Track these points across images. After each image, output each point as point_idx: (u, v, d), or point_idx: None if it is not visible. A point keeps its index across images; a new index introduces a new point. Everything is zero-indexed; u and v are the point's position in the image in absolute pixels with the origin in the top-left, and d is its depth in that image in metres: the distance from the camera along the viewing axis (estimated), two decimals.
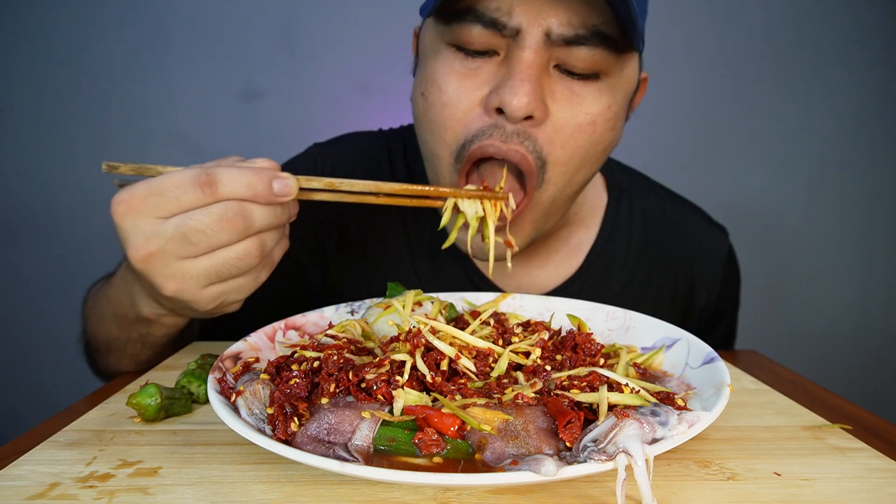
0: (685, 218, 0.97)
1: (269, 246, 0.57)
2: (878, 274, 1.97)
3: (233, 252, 0.54)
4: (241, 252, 0.54)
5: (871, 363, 2.01)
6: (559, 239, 0.89)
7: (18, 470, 0.47)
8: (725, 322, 1.03)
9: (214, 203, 0.52)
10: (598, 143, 0.69)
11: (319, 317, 0.71)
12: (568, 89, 0.66)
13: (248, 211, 0.53)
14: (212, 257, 0.54)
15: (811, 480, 0.46)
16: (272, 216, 0.55)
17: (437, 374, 0.49)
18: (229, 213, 0.52)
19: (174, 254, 0.53)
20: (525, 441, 0.41)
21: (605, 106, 0.67)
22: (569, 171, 0.69)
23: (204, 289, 0.56)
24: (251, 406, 0.46)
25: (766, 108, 1.85)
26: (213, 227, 0.52)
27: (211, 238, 0.52)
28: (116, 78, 1.77)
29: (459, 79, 0.66)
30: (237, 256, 0.54)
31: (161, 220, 0.53)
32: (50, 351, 1.85)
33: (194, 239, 0.52)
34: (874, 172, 1.91)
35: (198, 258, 0.54)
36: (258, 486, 0.44)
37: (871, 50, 1.83)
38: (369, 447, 0.42)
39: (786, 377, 0.75)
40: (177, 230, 0.52)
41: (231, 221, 0.52)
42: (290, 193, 0.55)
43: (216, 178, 0.52)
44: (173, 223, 0.52)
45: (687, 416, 0.42)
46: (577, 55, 0.63)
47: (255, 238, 0.55)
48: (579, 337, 0.56)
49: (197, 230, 0.52)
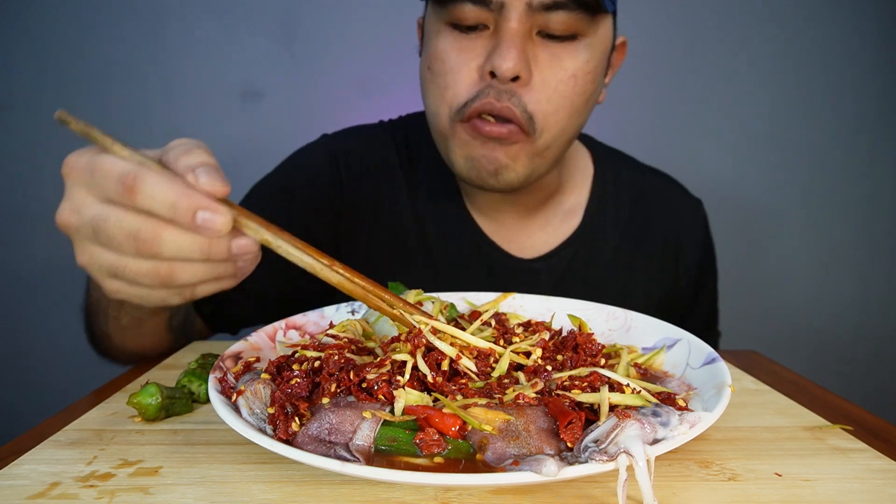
0: (666, 188, 1.07)
1: (181, 277, 0.48)
2: (878, 274, 1.97)
3: (134, 266, 0.48)
4: (141, 271, 0.48)
5: (871, 363, 2.01)
6: (555, 203, 0.99)
7: (19, 469, 0.47)
8: (708, 295, 1.09)
9: (130, 211, 0.46)
10: (581, 94, 0.79)
11: (320, 316, 0.71)
12: (549, 52, 0.76)
13: (160, 235, 0.46)
14: (116, 258, 0.49)
15: (812, 481, 0.46)
16: (191, 246, 0.46)
17: (438, 375, 0.49)
18: (140, 231, 0.46)
19: (86, 235, 0.49)
20: (526, 441, 0.41)
21: (583, 61, 0.77)
22: (560, 120, 0.79)
23: (107, 278, 0.51)
24: (252, 406, 0.46)
25: (765, 108, 1.85)
26: (119, 237, 0.47)
27: (115, 243, 0.47)
28: (116, 78, 1.77)
29: (458, 53, 0.77)
30: (136, 272, 0.48)
31: (89, 198, 0.48)
32: (50, 351, 1.85)
33: (101, 237, 0.48)
34: (874, 172, 1.91)
35: (104, 249, 0.49)
36: (259, 486, 0.44)
37: (872, 50, 1.83)
38: (370, 447, 0.42)
39: (786, 377, 0.75)
40: (92, 219, 0.48)
41: (137, 239, 0.46)
42: (215, 229, 0.45)
43: (138, 186, 0.45)
44: (93, 210, 0.48)
45: (688, 417, 0.42)
46: (555, 19, 0.73)
47: (164, 263, 0.48)
48: (580, 337, 0.56)
49: (105, 231, 0.47)
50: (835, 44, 1.82)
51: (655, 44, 1.77)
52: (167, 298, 0.51)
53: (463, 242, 0.97)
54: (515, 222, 0.97)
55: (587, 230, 0.98)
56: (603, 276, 0.98)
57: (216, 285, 0.51)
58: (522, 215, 0.96)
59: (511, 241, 0.97)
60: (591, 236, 0.99)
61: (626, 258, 1.00)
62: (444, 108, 0.80)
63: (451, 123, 0.80)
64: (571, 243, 0.98)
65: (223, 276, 0.51)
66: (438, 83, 0.79)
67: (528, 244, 0.97)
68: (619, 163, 1.06)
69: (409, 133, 1.03)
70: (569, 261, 0.97)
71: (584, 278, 0.97)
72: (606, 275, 0.99)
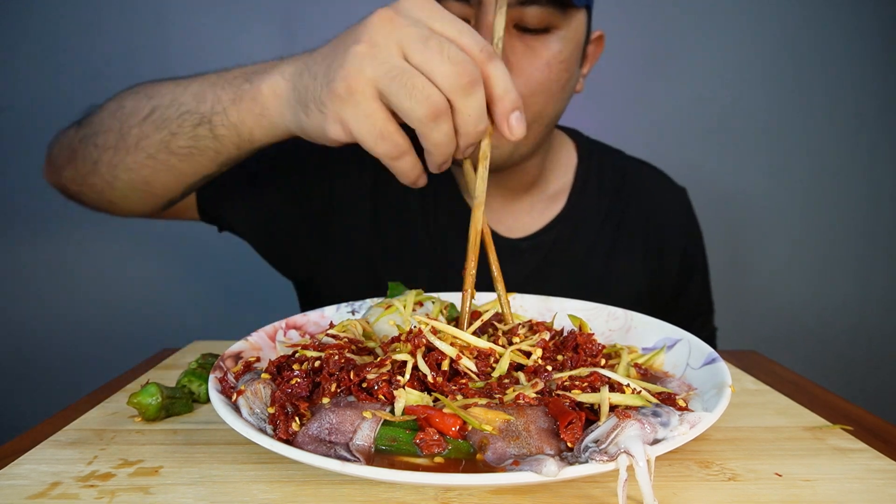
0: (649, 176, 1.12)
1: (434, 134, 0.54)
2: (878, 273, 1.97)
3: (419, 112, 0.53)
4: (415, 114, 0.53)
5: (871, 363, 2.01)
6: (540, 188, 1.03)
7: (19, 469, 0.47)
8: (696, 286, 1.11)
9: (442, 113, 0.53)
10: (556, 81, 0.83)
11: (320, 316, 0.71)
12: (524, 44, 0.80)
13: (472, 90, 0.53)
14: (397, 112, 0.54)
15: (812, 481, 0.46)
16: (479, 119, 0.55)
17: (438, 375, 0.49)
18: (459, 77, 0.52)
19: (378, 78, 0.53)
20: (526, 441, 0.41)
21: (556, 51, 0.81)
22: (536, 103, 0.83)
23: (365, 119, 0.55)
24: (252, 405, 0.46)
25: (765, 108, 1.85)
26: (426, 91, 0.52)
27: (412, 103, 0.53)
28: (116, 78, 1.77)
29: None
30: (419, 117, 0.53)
31: (400, 57, 0.53)
32: (50, 351, 1.85)
33: (397, 87, 0.52)
34: (874, 172, 1.91)
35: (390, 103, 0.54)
36: (259, 486, 0.44)
37: (872, 49, 1.83)
38: (370, 447, 0.42)
39: (786, 377, 0.75)
40: (399, 69, 0.52)
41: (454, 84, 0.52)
42: (516, 132, 0.56)
43: (494, 59, 0.54)
44: (398, 63, 0.53)
45: (688, 417, 0.42)
46: (530, 13, 0.77)
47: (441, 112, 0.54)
48: (580, 337, 0.56)
49: (411, 83, 0.52)
50: (835, 43, 1.82)
51: (653, 42, 1.77)
52: (384, 144, 0.55)
53: (453, 222, 1.00)
54: (502, 206, 1.01)
55: (570, 214, 1.03)
56: (585, 257, 1.02)
57: (414, 170, 0.59)
58: (508, 199, 1.01)
59: (498, 221, 1.01)
60: (574, 220, 1.03)
61: (608, 242, 1.03)
62: None
63: None
64: (555, 225, 1.02)
65: (440, 160, 0.58)
66: None
67: (515, 226, 1.02)
68: (604, 153, 1.11)
69: None
70: (552, 242, 1.01)
71: (567, 259, 1.02)
72: (588, 256, 1.02)
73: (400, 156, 0.56)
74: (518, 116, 0.56)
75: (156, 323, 1.79)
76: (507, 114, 0.55)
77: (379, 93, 0.53)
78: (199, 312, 1.82)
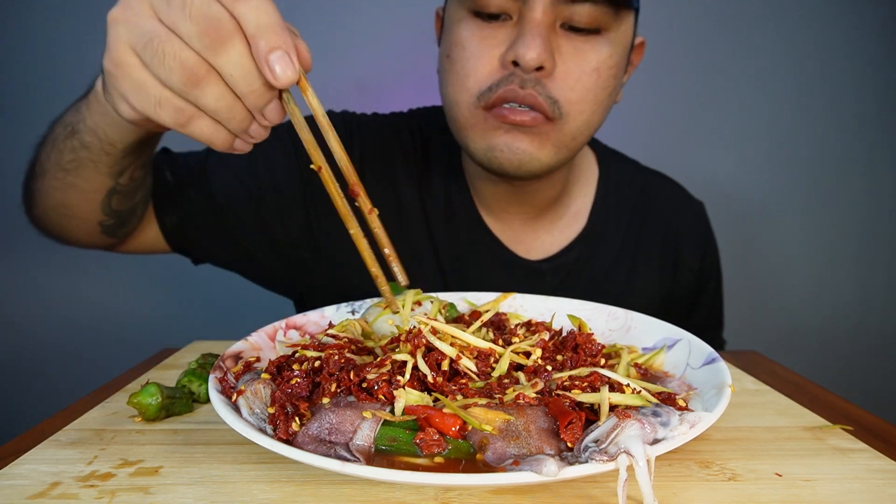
0: (666, 189, 1.08)
1: (205, 95, 0.46)
2: (878, 273, 1.97)
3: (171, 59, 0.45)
4: (172, 71, 0.45)
5: (871, 363, 2.01)
6: (562, 206, 0.99)
7: (19, 469, 0.47)
8: (707, 299, 1.09)
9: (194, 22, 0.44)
10: (605, 88, 0.78)
11: (320, 316, 0.71)
12: (573, 46, 0.75)
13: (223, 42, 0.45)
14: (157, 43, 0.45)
15: (812, 481, 0.46)
16: (243, 74, 0.46)
17: (439, 375, 0.49)
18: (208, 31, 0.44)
19: (132, 42, 0.46)
20: (526, 441, 0.41)
21: (606, 55, 0.76)
22: (585, 110, 0.78)
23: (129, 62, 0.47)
24: (252, 405, 0.46)
25: (765, 108, 1.85)
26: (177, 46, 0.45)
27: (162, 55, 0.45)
28: None
29: (479, 40, 0.76)
30: (168, 67, 0.45)
31: (152, 18, 0.46)
32: (50, 351, 1.85)
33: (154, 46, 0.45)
34: (874, 172, 1.91)
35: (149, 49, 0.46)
36: (259, 486, 0.44)
37: (872, 49, 1.83)
38: (370, 447, 0.42)
39: (786, 377, 0.75)
40: (149, 34, 0.45)
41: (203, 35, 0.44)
42: (281, 75, 0.45)
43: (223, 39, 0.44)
44: (150, 26, 0.46)
45: (688, 417, 0.42)
46: (580, 12, 0.73)
47: (199, 67, 0.46)
48: (580, 337, 0.56)
49: (160, 46, 0.45)
50: (836, 44, 1.82)
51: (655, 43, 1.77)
52: (164, 113, 0.48)
53: (470, 240, 0.96)
54: (522, 224, 0.97)
55: (590, 232, 0.99)
56: (604, 276, 0.99)
57: (217, 134, 0.50)
58: (530, 217, 0.97)
59: (518, 241, 0.97)
60: (595, 238, 0.99)
61: (627, 259, 1.00)
62: (464, 96, 0.78)
63: (471, 112, 0.78)
64: (575, 245, 0.98)
65: (234, 126, 0.49)
66: (458, 71, 0.78)
67: (535, 245, 0.98)
68: (622, 164, 1.07)
69: (421, 127, 1.02)
70: (573, 262, 0.97)
71: (587, 279, 0.98)
72: (608, 275, 0.99)
73: (188, 121, 0.48)
74: (280, 56, 0.45)
75: (156, 323, 1.79)
76: (264, 56, 0.45)
77: (141, 59, 0.47)
78: (199, 312, 1.82)
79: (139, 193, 0.80)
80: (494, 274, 0.95)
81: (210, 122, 0.49)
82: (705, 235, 1.08)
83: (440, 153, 0.98)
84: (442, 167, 0.97)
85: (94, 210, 0.76)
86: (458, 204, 0.96)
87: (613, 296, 0.93)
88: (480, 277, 0.94)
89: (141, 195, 0.81)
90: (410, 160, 0.98)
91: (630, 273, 1.00)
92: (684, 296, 1.05)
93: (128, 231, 0.85)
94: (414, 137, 1.00)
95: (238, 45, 0.45)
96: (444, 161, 0.97)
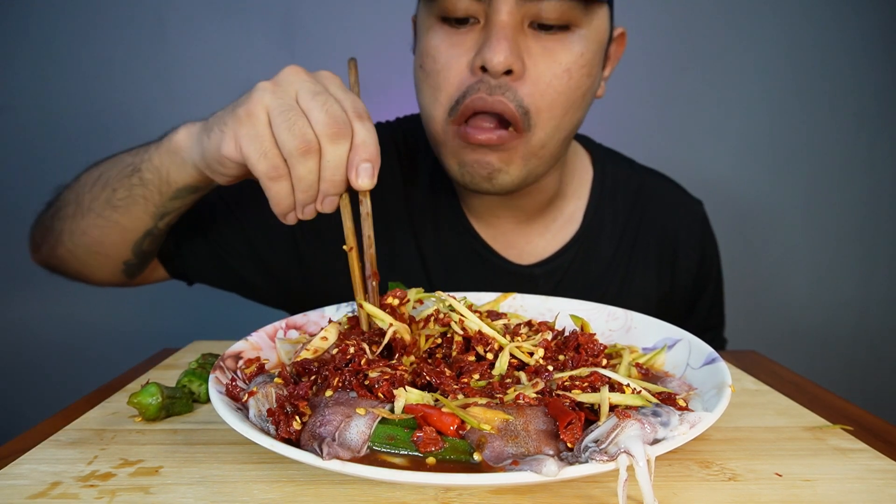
0: (663, 189, 1.06)
1: (301, 169, 0.59)
2: (878, 274, 1.97)
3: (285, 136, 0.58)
4: (286, 144, 0.58)
5: (871, 363, 2.01)
6: (555, 209, 0.97)
7: (19, 469, 0.47)
8: (707, 299, 1.06)
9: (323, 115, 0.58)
10: (577, 89, 0.76)
11: (320, 316, 0.71)
12: (542, 46, 0.73)
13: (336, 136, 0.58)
14: None
15: (812, 481, 0.46)
16: (336, 165, 0.60)
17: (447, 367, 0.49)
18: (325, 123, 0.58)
19: (264, 109, 0.60)
20: (525, 441, 0.41)
21: (577, 54, 0.74)
22: (554, 116, 0.76)
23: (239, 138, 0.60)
24: (261, 408, 0.46)
25: (765, 108, 1.85)
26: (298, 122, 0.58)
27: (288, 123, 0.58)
28: (116, 78, 1.77)
29: (448, 48, 0.75)
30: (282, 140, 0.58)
31: (293, 98, 0.60)
32: (50, 351, 1.85)
33: (280, 120, 0.58)
34: (874, 172, 1.91)
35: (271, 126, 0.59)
36: (259, 486, 0.44)
37: (872, 49, 1.83)
38: (363, 444, 0.42)
39: (786, 378, 0.75)
40: (285, 106, 0.59)
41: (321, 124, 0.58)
42: (363, 181, 0.60)
43: (361, 110, 0.61)
44: (288, 101, 0.60)
45: (688, 417, 0.42)
46: (547, 8, 0.71)
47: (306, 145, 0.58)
48: (582, 337, 0.56)
49: (288, 119, 0.58)
50: (835, 43, 1.82)
51: (654, 41, 1.77)
52: (264, 162, 0.59)
53: (460, 249, 0.95)
54: (514, 228, 0.95)
55: (585, 235, 0.97)
56: (600, 278, 0.97)
57: (287, 199, 0.61)
58: (521, 221, 0.95)
59: (509, 247, 0.95)
60: (589, 240, 0.97)
61: (623, 260, 0.98)
62: (438, 111, 0.78)
63: (444, 127, 0.78)
64: (570, 248, 0.96)
65: (301, 198, 0.61)
66: (431, 84, 0.78)
67: (527, 250, 0.96)
68: (617, 163, 1.05)
69: (407, 136, 1.01)
70: (567, 265, 0.96)
71: (582, 282, 0.96)
72: (603, 277, 0.97)
73: (278, 177, 0.59)
74: (367, 168, 0.59)
75: (156, 323, 1.79)
76: (358, 162, 0.59)
77: (270, 120, 0.59)
78: (199, 312, 1.82)
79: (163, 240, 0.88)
80: (485, 281, 0.93)
81: (288, 187, 0.60)
82: (704, 235, 1.05)
83: (426, 162, 0.97)
84: (428, 177, 0.97)
85: (125, 249, 0.82)
86: (445, 212, 0.95)
87: (609, 299, 0.92)
88: (471, 285, 0.92)
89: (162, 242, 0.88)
90: (396, 173, 0.97)
91: (626, 276, 0.98)
92: (682, 298, 1.03)
93: (140, 272, 0.91)
94: (399, 149, 0.99)
95: (344, 145, 0.59)
96: (430, 169, 0.96)
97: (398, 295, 0.64)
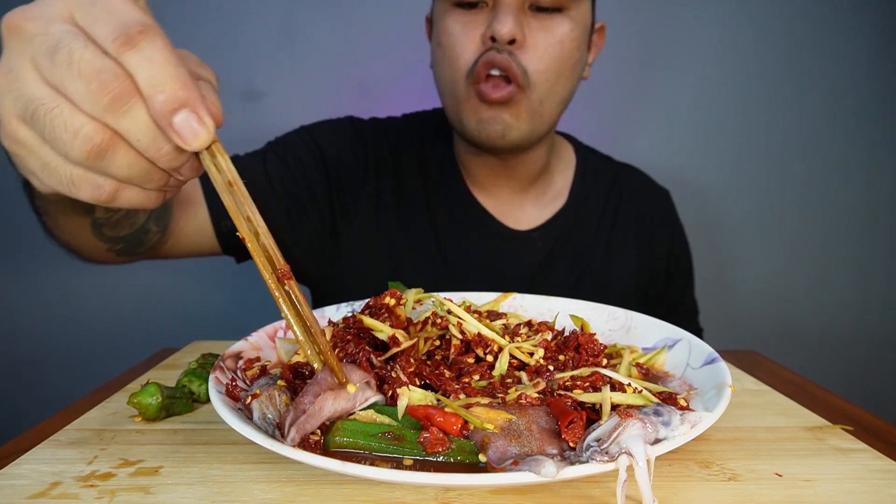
0: (635, 178, 1.20)
1: (112, 164, 0.39)
2: (878, 274, 1.97)
3: None
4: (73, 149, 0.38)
5: (871, 363, 2.00)
6: (544, 183, 1.11)
7: (19, 469, 0.47)
8: (682, 285, 1.18)
9: None
10: (568, 59, 0.92)
11: (320, 316, 0.71)
12: (539, 23, 0.90)
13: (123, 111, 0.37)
14: None
15: (812, 481, 0.46)
16: (148, 140, 0.39)
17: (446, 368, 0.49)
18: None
19: (15, 114, 0.39)
20: (528, 440, 0.41)
21: (568, 29, 0.91)
22: (549, 79, 0.91)
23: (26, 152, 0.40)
24: (265, 410, 0.46)
25: (763, 108, 1.85)
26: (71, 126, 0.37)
27: None
28: None
29: (462, 26, 0.91)
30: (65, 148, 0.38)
31: (33, 72, 0.38)
32: (50, 351, 1.85)
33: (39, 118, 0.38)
34: (873, 172, 1.91)
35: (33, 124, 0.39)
36: (259, 486, 0.44)
37: (872, 49, 1.83)
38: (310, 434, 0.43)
39: (786, 378, 0.75)
40: (32, 100, 0.38)
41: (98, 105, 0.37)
42: (191, 139, 0.39)
43: (142, 40, 0.37)
44: (35, 90, 0.38)
45: (689, 417, 0.42)
46: None
47: None
48: (582, 337, 0.56)
49: (49, 121, 0.38)
50: (834, 43, 1.82)
51: (650, 41, 1.77)
52: (82, 192, 0.41)
53: (466, 217, 1.07)
54: (510, 198, 1.09)
55: (572, 206, 1.11)
56: (588, 246, 1.09)
57: (148, 198, 0.44)
58: (517, 191, 1.08)
59: (508, 214, 1.09)
60: (576, 212, 1.11)
61: (607, 230, 1.11)
62: (457, 75, 0.92)
63: (463, 87, 0.92)
64: (560, 216, 1.10)
65: (155, 186, 0.43)
66: (448, 55, 0.92)
67: (523, 218, 1.09)
68: (595, 155, 1.20)
69: (418, 127, 1.13)
70: (559, 230, 1.09)
71: (573, 246, 1.08)
72: (591, 245, 1.09)
73: (111, 197, 0.41)
74: (185, 118, 0.38)
75: (156, 323, 1.79)
76: (166, 116, 0.38)
77: (36, 132, 0.39)
78: (198, 312, 1.82)
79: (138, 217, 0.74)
80: (488, 245, 1.06)
81: (136, 191, 0.42)
82: (673, 220, 1.19)
83: (434, 148, 1.10)
84: (438, 160, 1.10)
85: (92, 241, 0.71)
86: (452, 187, 1.08)
87: (596, 270, 1.08)
88: (476, 250, 1.05)
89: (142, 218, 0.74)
90: (413, 160, 1.09)
91: (609, 244, 1.10)
92: (660, 272, 1.14)
93: (151, 246, 0.80)
94: (412, 139, 1.12)
95: (136, 109, 0.38)
96: (440, 154, 1.10)
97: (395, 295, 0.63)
